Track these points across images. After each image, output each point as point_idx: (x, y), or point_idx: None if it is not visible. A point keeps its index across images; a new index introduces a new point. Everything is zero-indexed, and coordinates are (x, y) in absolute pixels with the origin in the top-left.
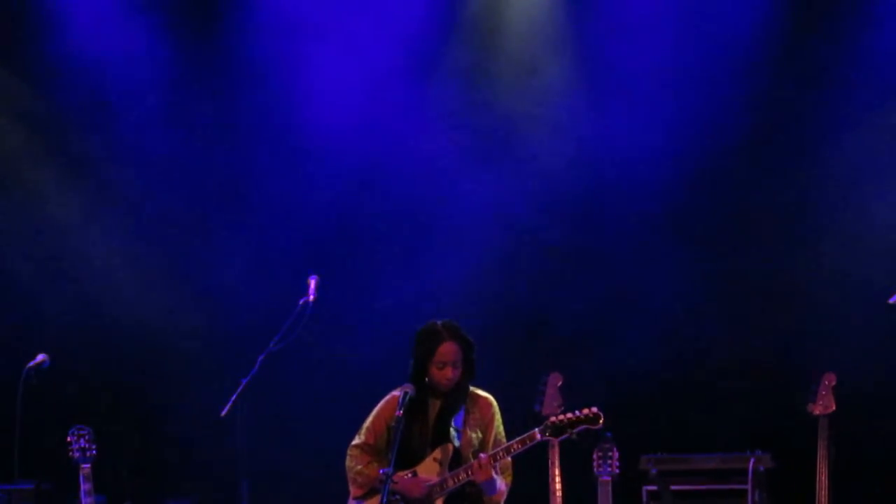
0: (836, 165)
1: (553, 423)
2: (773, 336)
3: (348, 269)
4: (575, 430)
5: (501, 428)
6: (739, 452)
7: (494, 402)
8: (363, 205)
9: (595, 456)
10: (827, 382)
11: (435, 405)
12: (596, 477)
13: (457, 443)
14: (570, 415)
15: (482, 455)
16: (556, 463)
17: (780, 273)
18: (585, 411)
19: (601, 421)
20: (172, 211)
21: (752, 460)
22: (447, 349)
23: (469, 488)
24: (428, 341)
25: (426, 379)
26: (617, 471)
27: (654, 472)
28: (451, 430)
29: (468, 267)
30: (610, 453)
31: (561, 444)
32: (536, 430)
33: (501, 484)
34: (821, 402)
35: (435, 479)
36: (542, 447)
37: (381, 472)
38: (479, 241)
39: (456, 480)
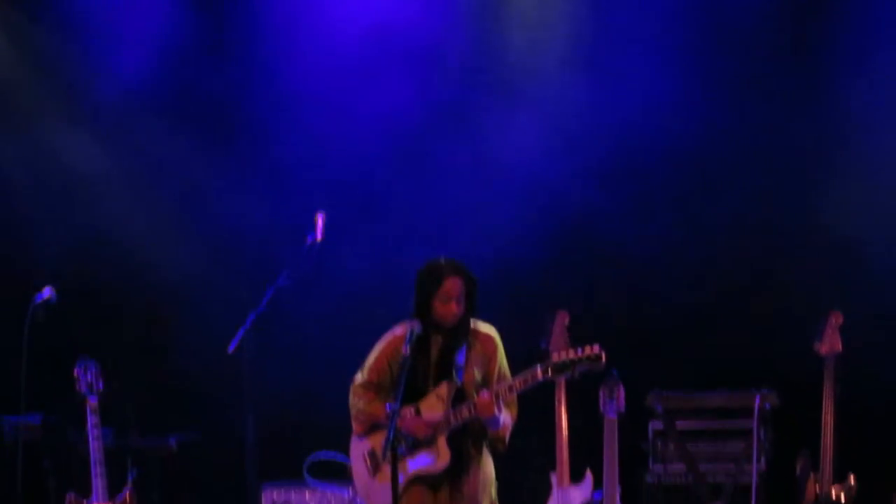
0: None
1: (555, 361)
2: (780, 273)
3: (358, 204)
4: (577, 371)
5: (505, 362)
6: (745, 390)
7: (497, 336)
8: (377, 144)
9: (601, 394)
10: (833, 321)
11: (437, 341)
12: (602, 415)
13: (459, 380)
14: (572, 353)
15: (484, 392)
16: (563, 401)
17: (789, 210)
18: (587, 350)
19: (603, 360)
20: (183, 146)
21: (757, 398)
22: (451, 284)
23: (473, 424)
24: (432, 277)
25: (430, 315)
26: (623, 409)
27: (659, 409)
28: (454, 366)
29: (480, 205)
30: (616, 391)
31: (567, 382)
32: (539, 367)
33: (506, 418)
34: (827, 342)
35: (438, 416)
36: (549, 386)
37: (387, 407)
38: (494, 180)
39: (458, 417)
